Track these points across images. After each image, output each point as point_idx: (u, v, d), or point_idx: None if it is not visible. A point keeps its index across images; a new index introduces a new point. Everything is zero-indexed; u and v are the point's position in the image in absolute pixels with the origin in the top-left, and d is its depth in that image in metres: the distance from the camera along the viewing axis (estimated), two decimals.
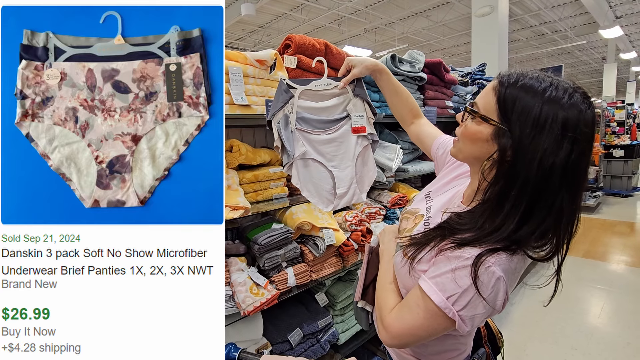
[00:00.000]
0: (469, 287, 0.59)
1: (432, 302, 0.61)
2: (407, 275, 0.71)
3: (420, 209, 0.83)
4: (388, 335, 0.68)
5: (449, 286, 0.61)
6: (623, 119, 8.06)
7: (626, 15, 9.46)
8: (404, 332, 0.66)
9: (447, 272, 0.61)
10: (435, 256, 0.65)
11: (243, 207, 1.24)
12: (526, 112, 0.57)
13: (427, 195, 0.85)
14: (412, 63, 2.06)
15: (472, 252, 0.60)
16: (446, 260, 0.63)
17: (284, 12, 8.68)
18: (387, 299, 0.73)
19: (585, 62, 15.42)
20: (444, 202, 0.79)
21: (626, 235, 4.45)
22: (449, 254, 0.63)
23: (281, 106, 0.98)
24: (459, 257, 0.61)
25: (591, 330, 2.46)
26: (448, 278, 0.61)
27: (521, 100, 0.58)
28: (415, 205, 0.86)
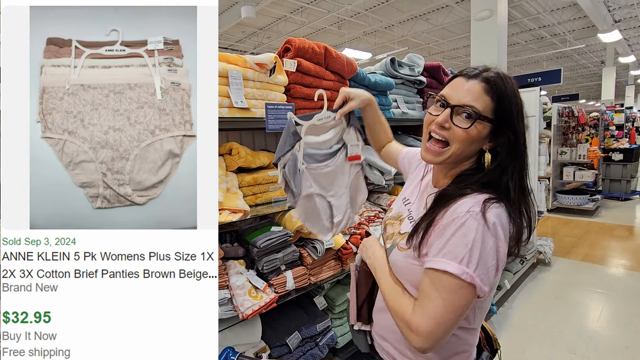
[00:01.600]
0: (474, 241, 0.62)
1: (448, 275, 0.63)
2: (412, 268, 0.71)
3: (403, 212, 0.85)
4: (420, 338, 0.64)
5: (457, 250, 0.63)
6: (622, 122, 8.08)
7: (625, 19, 9.50)
8: (434, 325, 0.64)
9: (449, 239, 0.64)
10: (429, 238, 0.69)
11: (242, 210, 1.24)
12: (517, 109, 0.70)
13: (405, 200, 0.88)
14: (411, 67, 2.06)
15: (463, 209, 0.65)
16: (442, 230, 0.66)
17: (284, 15, 8.69)
18: (402, 303, 0.70)
19: (584, 65, 15.47)
20: (420, 196, 0.84)
21: (625, 239, 4.46)
22: (443, 222, 0.66)
23: (289, 149, 0.95)
24: (453, 221, 0.65)
25: (590, 334, 2.46)
26: (453, 244, 0.63)
27: (511, 99, 0.69)
28: (397, 211, 0.88)
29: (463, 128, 0.68)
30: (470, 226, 0.63)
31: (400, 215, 0.85)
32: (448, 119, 0.70)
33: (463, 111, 0.68)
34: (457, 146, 0.70)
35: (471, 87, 0.69)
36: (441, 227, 0.66)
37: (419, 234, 0.69)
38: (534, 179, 3.38)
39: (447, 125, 0.70)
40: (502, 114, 0.68)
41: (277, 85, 1.40)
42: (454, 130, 0.69)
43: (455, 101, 0.69)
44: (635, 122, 8.60)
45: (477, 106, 0.68)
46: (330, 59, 1.53)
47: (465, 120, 0.68)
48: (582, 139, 5.72)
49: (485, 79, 0.69)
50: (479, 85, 0.68)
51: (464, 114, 0.68)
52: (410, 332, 0.67)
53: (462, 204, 0.66)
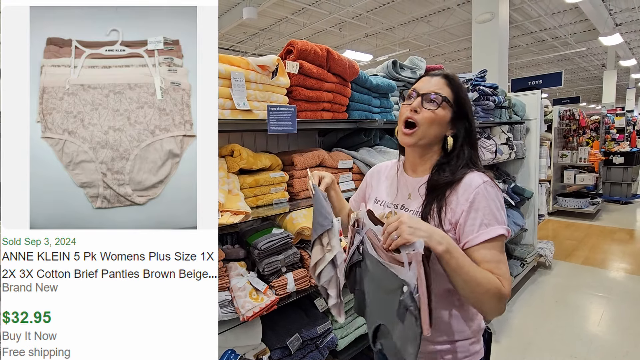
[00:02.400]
0: (499, 201, 0.80)
1: (501, 237, 0.77)
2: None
3: (385, 211, 0.93)
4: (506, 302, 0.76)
5: (496, 214, 0.78)
6: (623, 125, 8.08)
7: (626, 22, 9.51)
8: (510, 284, 0.76)
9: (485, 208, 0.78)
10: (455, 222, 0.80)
11: (243, 211, 1.24)
12: (469, 104, 0.88)
13: (381, 202, 0.97)
14: (413, 69, 2.06)
15: (477, 182, 0.80)
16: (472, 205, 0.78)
17: (285, 16, 8.71)
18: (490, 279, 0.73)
19: (585, 68, 15.48)
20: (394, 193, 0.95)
21: (625, 243, 4.45)
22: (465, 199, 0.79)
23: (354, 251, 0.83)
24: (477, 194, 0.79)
25: (590, 338, 2.45)
26: (490, 211, 0.78)
27: (465, 95, 0.88)
28: (379, 213, 0.94)
29: (432, 110, 0.84)
30: (491, 191, 0.80)
31: (386, 215, 0.92)
32: (420, 105, 0.85)
33: (431, 97, 0.84)
34: (424, 126, 0.85)
35: (435, 81, 0.87)
36: (465, 204, 0.79)
37: (434, 216, 0.81)
38: (535, 182, 3.38)
39: (419, 110, 0.85)
40: (460, 104, 0.86)
41: (279, 88, 1.40)
42: (424, 113, 0.84)
43: (424, 91, 0.86)
44: (636, 126, 8.60)
45: (441, 92, 0.85)
46: (332, 61, 1.53)
47: (432, 103, 0.84)
48: (583, 142, 5.72)
49: (445, 75, 0.88)
50: (441, 80, 0.87)
51: (431, 100, 0.84)
52: (500, 301, 0.74)
53: (470, 181, 0.81)
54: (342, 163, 1.69)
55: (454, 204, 0.80)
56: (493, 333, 0.94)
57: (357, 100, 1.74)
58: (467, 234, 0.77)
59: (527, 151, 3.35)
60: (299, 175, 1.54)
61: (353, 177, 1.74)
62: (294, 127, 1.35)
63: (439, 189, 0.82)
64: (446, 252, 0.70)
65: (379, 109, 1.86)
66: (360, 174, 1.76)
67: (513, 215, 3.16)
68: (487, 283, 0.72)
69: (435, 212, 0.81)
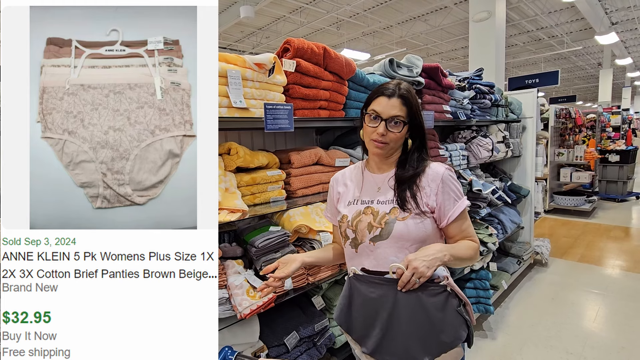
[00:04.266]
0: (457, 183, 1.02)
1: (466, 208, 1.02)
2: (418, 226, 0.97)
3: (362, 207, 1.04)
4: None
5: (459, 191, 1.01)
6: (619, 124, 8.12)
7: (622, 21, 9.56)
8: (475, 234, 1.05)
9: (452, 189, 1.00)
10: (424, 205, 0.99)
11: (240, 210, 1.24)
12: (419, 110, 1.02)
13: (355, 201, 1.07)
14: (410, 67, 2.07)
15: (440, 170, 1.01)
16: (443, 188, 0.99)
17: (282, 15, 8.69)
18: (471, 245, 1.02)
19: (581, 67, 15.55)
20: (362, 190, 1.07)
21: (621, 240, 4.48)
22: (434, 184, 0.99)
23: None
24: (443, 178, 0.99)
25: (586, 334, 2.47)
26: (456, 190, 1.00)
27: (417, 106, 1.01)
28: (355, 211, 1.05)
29: (396, 132, 0.98)
30: (453, 175, 1.02)
31: (362, 211, 1.04)
32: (385, 129, 0.97)
33: (393, 120, 0.97)
34: (393, 143, 1.00)
35: (394, 103, 0.98)
36: (436, 189, 0.99)
37: (410, 202, 0.98)
38: (531, 180, 3.40)
39: (385, 133, 0.97)
40: (414, 117, 1.00)
41: (276, 86, 1.40)
42: (390, 135, 0.98)
43: (386, 115, 0.97)
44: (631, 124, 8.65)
45: (401, 115, 0.98)
46: (329, 59, 1.53)
47: (396, 126, 0.98)
48: (579, 140, 5.76)
49: (400, 95, 0.99)
50: (397, 101, 0.98)
51: (393, 122, 0.97)
52: (478, 253, 1.03)
53: (436, 169, 1.01)
54: (339, 161, 1.69)
55: (427, 190, 0.99)
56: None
57: (354, 99, 1.74)
58: (446, 211, 0.99)
59: (523, 149, 3.37)
60: (296, 173, 1.54)
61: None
62: (290, 125, 1.36)
63: (408, 179, 1.01)
64: (450, 258, 0.93)
65: None
66: None
67: (510, 213, 3.17)
68: (472, 251, 1.01)
69: (410, 197, 0.98)
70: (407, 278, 0.88)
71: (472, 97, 2.65)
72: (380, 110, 0.98)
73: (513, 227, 3.09)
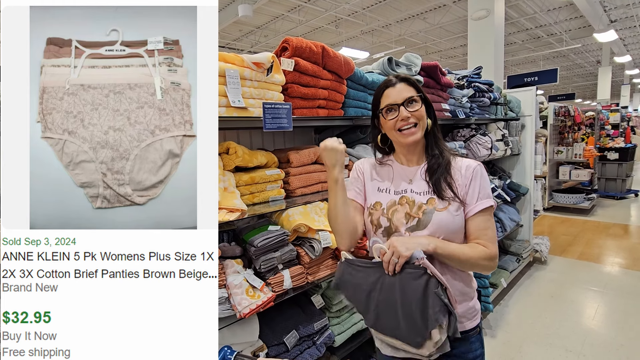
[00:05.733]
0: (486, 181, 1.00)
1: (490, 208, 0.98)
2: (456, 219, 0.97)
3: (397, 198, 1.03)
4: (496, 260, 0.98)
5: (487, 190, 0.99)
6: (617, 121, 8.13)
7: (620, 19, 9.55)
8: (496, 245, 0.98)
9: (480, 185, 0.98)
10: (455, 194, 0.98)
11: (239, 209, 1.24)
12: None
13: (386, 190, 1.06)
14: (408, 66, 2.07)
15: (472, 164, 1.01)
16: (470, 182, 0.98)
17: (281, 14, 8.68)
18: (476, 249, 0.96)
19: (580, 65, 15.55)
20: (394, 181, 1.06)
21: (620, 238, 4.49)
22: (464, 176, 0.99)
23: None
24: (473, 173, 0.99)
25: (585, 332, 2.48)
26: (483, 187, 0.98)
27: (418, 84, 1.02)
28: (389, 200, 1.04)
29: (417, 109, 0.98)
30: (484, 172, 1.01)
31: (397, 201, 1.03)
32: (407, 112, 0.97)
33: (409, 101, 0.98)
34: (422, 122, 1.00)
35: (400, 88, 1.00)
36: (467, 180, 0.99)
37: (447, 191, 0.98)
38: (531, 178, 3.40)
39: (409, 115, 0.98)
40: (423, 94, 1.01)
41: (274, 85, 1.40)
42: (414, 114, 0.98)
43: (400, 100, 0.98)
44: (630, 122, 8.66)
45: (412, 94, 0.99)
46: (327, 58, 1.53)
47: (414, 104, 0.99)
48: (578, 138, 5.76)
49: (402, 79, 1.02)
50: (402, 84, 1.00)
51: (413, 102, 0.98)
52: (490, 261, 0.96)
53: (468, 163, 1.01)
54: None
55: (460, 181, 0.99)
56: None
57: (352, 97, 1.74)
58: (468, 205, 0.98)
59: (522, 147, 3.37)
60: (295, 172, 1.54)
61: (349, 173, 1.74)
62: (289, 125, 1.35)
63: (440, 170, 1.00)
64: (435, 249, 0.92)
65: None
66: None
67: (509, 211, 3.18)
68: (474, 254, 0.95)
69: (446, 187, 0.98)
70: (388, 257, 0.89)
71: (471, 96, 2.65)
72: (393, 99, 0.99)
73: (512, 225, 3.09)
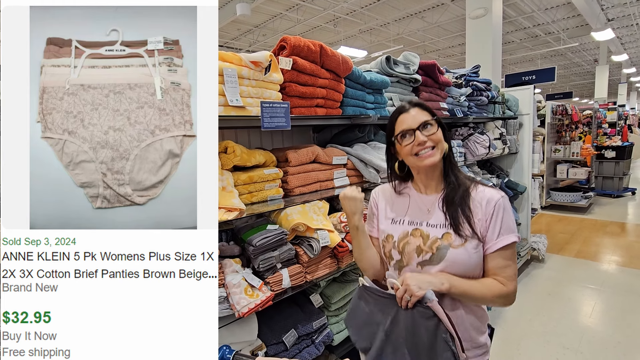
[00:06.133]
0: (510, 215, 0.94)
1: (513, 244, 0.93)
2: (473, 256, 0.93)
3: (410, 229, 1.01)
4: (513, 297, 0.94)
5: (511, 224, 0.94)
6: (614, 120, 8.17)
7: (618, 18, 9.58)
8: (516, 283, 0.95)
9: (502, 220, 0.93)
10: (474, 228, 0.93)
11: (238, 208, 1.24)
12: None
13: (399, 221, 1.04)
14: (406, 65, 2.07)
15: (495, 196, 0.95)
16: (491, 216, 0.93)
17: (279, 12, 8.66)
18: (491, 286, 0.93)
19: (577, 64, 15.59)
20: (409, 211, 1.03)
21: (617, 236, 4.51)
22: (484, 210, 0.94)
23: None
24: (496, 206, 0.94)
25: (583, 329, 2.49)
26: (506, 222, 0.93)
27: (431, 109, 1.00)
28: (401, 232, 1.02)
29: (434, 132, 0.96)
30: (508, 205, 0.95)
31: (410, 232, 1.01)
32: (423, 136, 0.95)
33: (424, 125, 0.96)
34: (440, 145, 0.97)
35: (414, 112, 0.98)
36: (488, 215, 0.93)
37: (464, 226, 0.93)
38: (528, 176, 3.41)
39: (425, 139, 0.95)
40: (438, 119, 0.98)
41: (272, 84, 1.39)
42: (431, 138, 0.95)
43: (416, 124, 0.96)
44: (627, 120, 8.69)
45: (427, 117, 0.97)
46: (325, 57, 1.52)
47: (430, 128, 0.96)
48: (576, 136, 5.78)
49: (415, 104, 1.00)
50: (416, 109, 0.99)
51: (428, 125, 0.96)
52: (506, 299, 0.93)
53: (490, 196, 0.95)
54: (336, 159, 1.69)
55: (480, 215, 0.94)
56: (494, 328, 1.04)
57: (351, 96, 1.74)
58: (488, 241, 0.94)
59: (520, 146, 3.38)
60: (293, 171, 1.54)
61: (347, 172, 1.75)
62: (287, 124, 1.35)
63: (458, 200, 0.96)
64: (450, 287, 0.89)
65: (373, 105, 1.86)
66: (354, 170, 1.77)
67: None
68: (489, 293, 0.92)
69: (464, 221, 0.94)
70: (400, 294, 0.89)
71: (469, 94, 2.65)
72: (408, 125, 0.97)
73: None
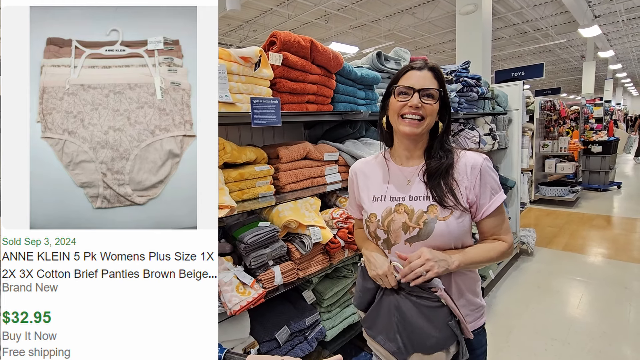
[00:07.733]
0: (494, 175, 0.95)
1: (502, 203, 0.95)
2: (461, 225, 0.92)
3: (393, 205, 0.97)
4: (512, 248, 0.98)
5: (496, 185, 0.95)
6: (601, 115, 8.32)
7: (604, 14, 9.73)
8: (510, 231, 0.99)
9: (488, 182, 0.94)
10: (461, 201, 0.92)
11: (228, 206, 1.23)
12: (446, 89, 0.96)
13: (381, 198, 1.00)
14: (397, 61, 2.07)
15: (478, 160, 0.94)
16: (479, 180, 0.93)
17: (269, 8, 8.59)
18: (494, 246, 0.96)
19: (565, 60, 15.81)
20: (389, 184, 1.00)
21: (603, 229, 4.61)
22: (470, 175, 0.93)
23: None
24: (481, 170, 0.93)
25: (570, 320, 2.55)
26: (492, 183, 0.94)
27: (444, 79, 0.95)
28: (384, 208, 0.98)
29: (431, 103, 0.92)
30: (491, 166, 0.96)
31: (393, 209, 0.97)
32: (419, 101, 0.91)
33: (427, 92, 0.92)
34: (429, 119, 0.93)
35: (425, 75, 0.93)
36: (475, 182, 0.93)
37: (449, 197, 0.91)
38: (517, 171, 3.46)
39: (420, 105, 0.91)
40: (445, 95, 0.95)
41: (262, 80, 1.38)
42: (425, 107, 0.92)
43: (419, 86, 0.91)
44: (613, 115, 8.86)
45: (434, 87, 0.92)
46: (316, 52, 1.51)
47: (430, 99, 0.92)
48: (563, 131, 5.87)
49: (431, 68, 0.94)
50: (429, 73, 0.93)
51: (429, 95, 0.92)
52: (509, 252, 0.97)
53: (473, 161, 0.94)
54: (327, 155, 1.69)
55: (466, 183, 0.93)
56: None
57: (342, 92, 1.73)
58: (481, 205, 0.94)
59: (509, 141, 3.42)
60: (284, 168, 1.53)
61: (339, 169, 1.75)
62: (278, 120, 1.34)
63: (441, 171, 0.93)
64: (460, 263, 0.90)
65: (364, 101, 1.86)
66: (346, 166, 1.77)
67: None
68: (495, 254, 0.95)
69: (447, 192, 0.92)
70: (417, 266, 0.85)
71: (459, 90, 2.67)
72: (413, 82, 0.91)
73: None
